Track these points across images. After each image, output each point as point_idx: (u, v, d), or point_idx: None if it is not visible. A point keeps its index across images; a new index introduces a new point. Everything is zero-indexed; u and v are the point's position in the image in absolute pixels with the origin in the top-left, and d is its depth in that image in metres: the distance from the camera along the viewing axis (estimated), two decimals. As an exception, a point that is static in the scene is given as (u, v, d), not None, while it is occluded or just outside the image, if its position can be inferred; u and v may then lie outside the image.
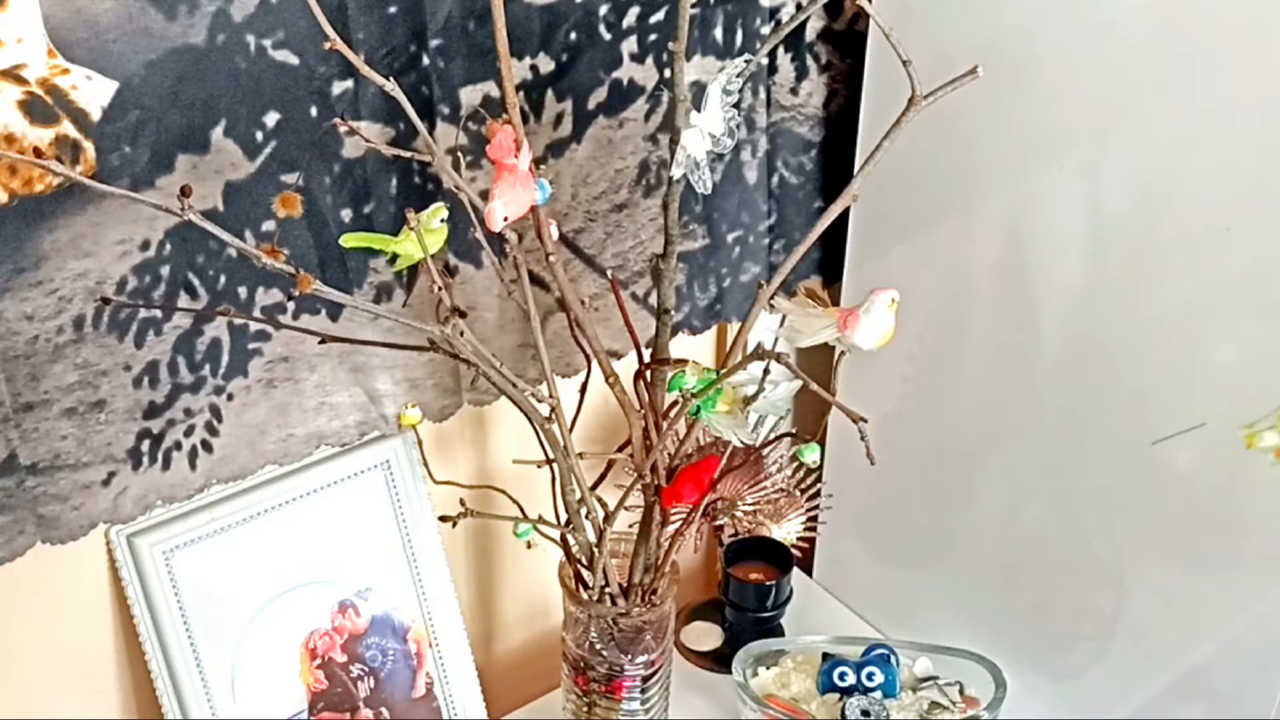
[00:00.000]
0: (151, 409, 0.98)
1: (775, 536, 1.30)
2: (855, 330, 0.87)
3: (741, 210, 1.23)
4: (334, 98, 0.96)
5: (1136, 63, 0.98)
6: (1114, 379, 1.07)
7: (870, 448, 0.82)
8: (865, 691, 1.13)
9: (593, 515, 1.02)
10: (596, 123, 1.10)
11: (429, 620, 1.17)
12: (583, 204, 1.13)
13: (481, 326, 1.10)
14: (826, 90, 1.25)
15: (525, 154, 0.81)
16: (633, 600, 1.05)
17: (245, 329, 1.00)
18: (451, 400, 1.13)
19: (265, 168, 0.95)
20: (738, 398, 0.93)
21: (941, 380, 1.22)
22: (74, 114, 0.86)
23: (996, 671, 1.14)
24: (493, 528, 1.25)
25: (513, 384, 0.94)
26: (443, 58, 0.99)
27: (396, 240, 0.87)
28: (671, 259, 0.95)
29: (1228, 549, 1.04)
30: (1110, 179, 1.03)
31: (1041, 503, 1.17)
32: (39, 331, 0.90)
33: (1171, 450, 1.04)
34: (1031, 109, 1.06)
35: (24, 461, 0.93)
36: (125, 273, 0.92)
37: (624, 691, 1.08)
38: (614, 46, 1.08)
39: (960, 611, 1.26)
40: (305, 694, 1.11)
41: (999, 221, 1.12)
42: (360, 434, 1.11)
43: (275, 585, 1.09)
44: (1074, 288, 1.08)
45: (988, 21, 1.07)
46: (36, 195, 0.86)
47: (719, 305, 1.26)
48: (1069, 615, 1.18)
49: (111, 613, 1.05)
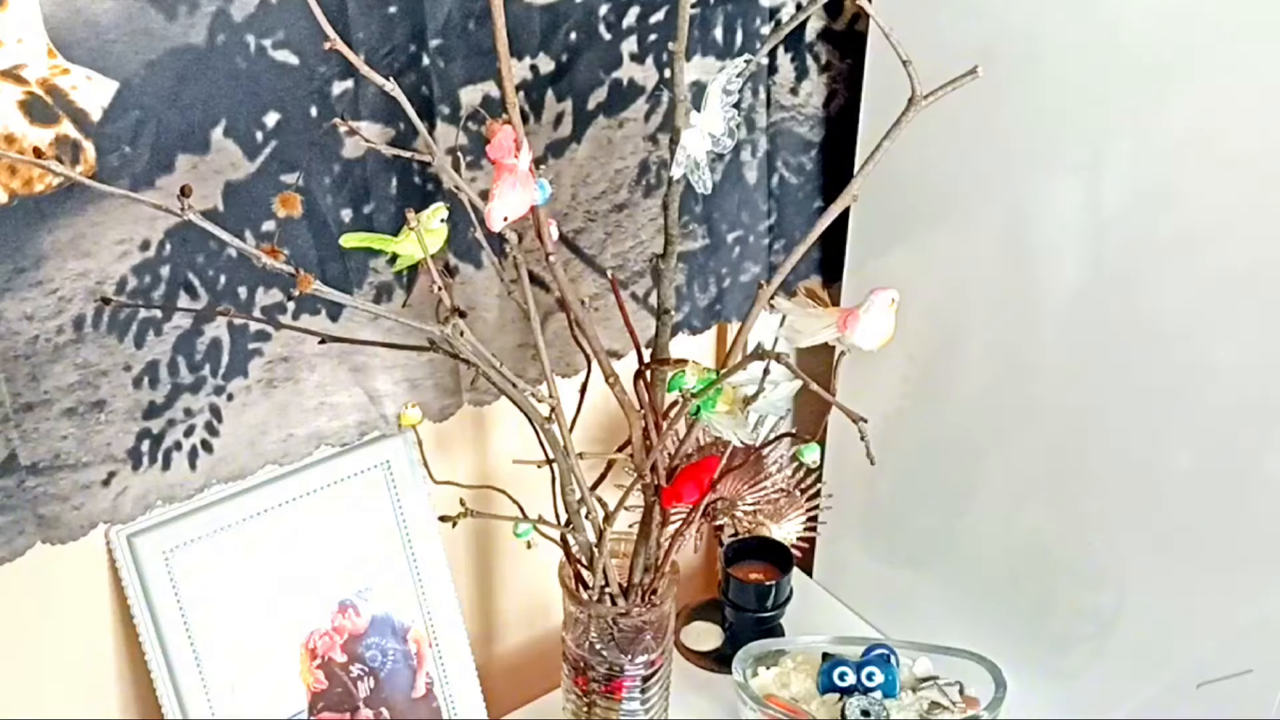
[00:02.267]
0: (151, 409, 0.98)
1: (775, 536, 1.30)
2: (855, 330, 0.87)
3: (741, 210, 1.23)
4: (334, 98, 0.96)
5: (1136, 63, 0.98)
6: (1114, 379, 1.07)
7: (870, 448, 0.82)
8: (865, 691, 1.13)
9: (593, 515, 1.02)
10: (596, 123, 1.10)
11: (429, 620, 1.17)
12: (583, 204, 1.13)
13: (481, 326, 1.10)
14: (826, 90, 1.25)
15: (525, 154, 0.81)
16: (633, 600, 1.05)
17: (245, 329, 1.00)
18: (451, 400, 1.13)
19: (265, 168, 0.95)
20: (738, 398, 0.93)
21: (941, 380, 1.22)
22: (74, 114, 0.86)
23: (996, 671, 1.14)
24: (493, 528, 1.25)
25: (513, 384, 0.93)
26: (443, 58, 0.99)
27: (396, 240, 0.87)
28: (671, 259, 0.95)
29: (1228, 549, 1.03)
30: (1110, 179, 1.03)
31: (1041, 503, 1.17)
32: (39, 331, 0.90)
33: (1171, 450, 1.04)
34: (1031, 109, 1.06)
35: (24, 461, 0.93)
36: (125, 273, 0.92)
37: (624, 691, 1.08)
38: (614, 46, 1.08)
39: (960, 611, 1.26)
40: (305, 694, 1.11)
41: (999, 221, 1.12)
42: (360, 434, 1.11)
43: (275, 585, 1.09)
44: (1074, 287, 1.08)
45: (988, 21, 1.07)
46: (36, 195, 0.86)
47: (719, 305, 1.26)
48: (1069, 615, 1.18)
49: (111, 613, 1.05)
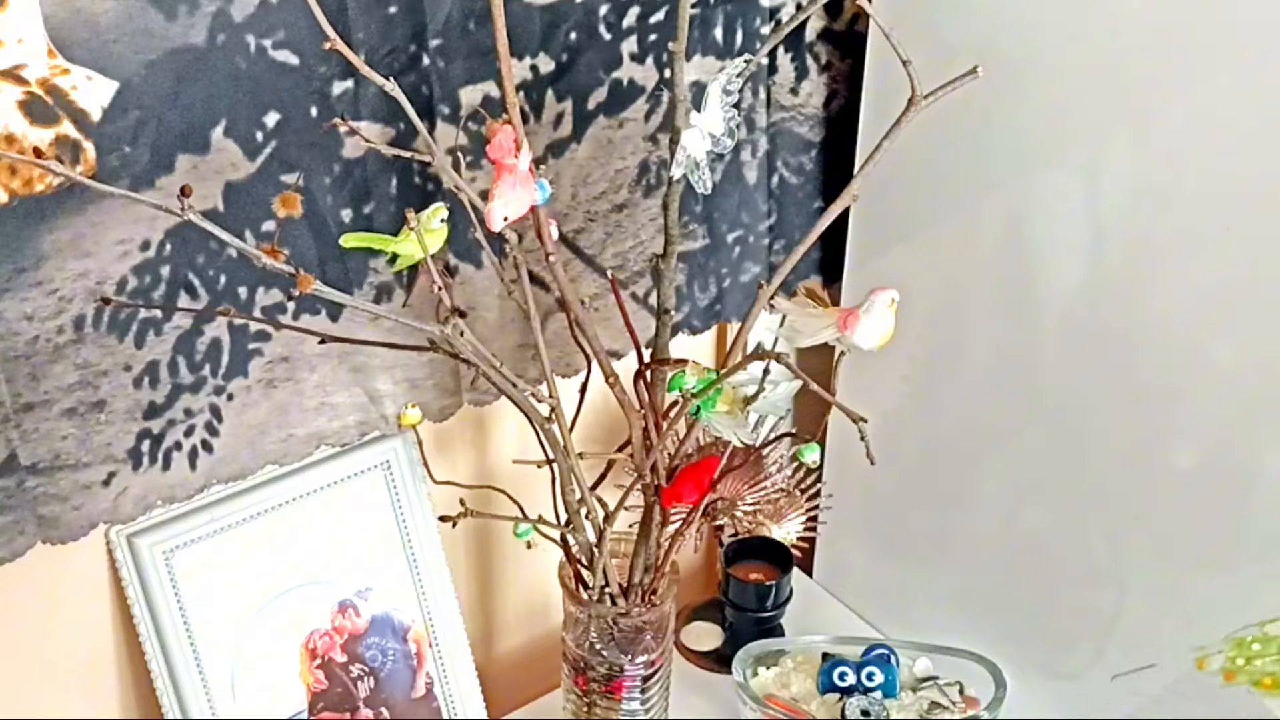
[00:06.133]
0: (152, 409, 0.98)
1: (775, 536, 1.30)
2: (855, 330, 0.87)
3: (741, 210, 1.23)
4: (334, 98, 0.96)
5: (1136, 63, 0.98)
6: (1114, 379, 1.07)
7: (870, 448, 0.82)
8: (865, 691, 1.13)
9: (593, 515, 1.02)
10: (596, 123, 1.10)
11: (429, 620, 1.17)
12: (583, 204, 1.13)
13: (481, 326, 1.10)
14: (826, 90, 1.25)
15: (525, 154, 0.81)
16: (633, 600, 1.05)
17: (245, 329, 1.00)
18: (451, 400, 1.13)
19: (265, 168, 0.95)
20: (738, 398, 0.93)
21: (941, 380, 1.22)
22: (74, 114, 0.86)
23: (996, 671, 1.14)
24: (493, 528, 1.25)
25: (513, 384, 0.93)
26: (443, 58, 0.99)
27: (396, 240, 0.87)
28: (671, 259, 0.95)
29: (1228, 549, 1.03)
30: (1110, 179, 1.03)
31: (1041, 503, 1.17)
32: (39, 331, 0.90)
33: (1171, 450, 1.04)
34: (1031, 109, 1.06)
35: (24, 461, 0.93)
36: (125, 273, 0.92)
37: (624, 691, 1.08)
38: (614, 46, 1.08)
39: (960, 611, 1.26)
40: (305, 694, 1.11)
41: (999, 221, 1.12)
42: (360, 434, 1.11)
43: (275, 585, 1.09)
44: (1074, 287, 1.08)
45: (988, 21, 1.07)
46: (36, 195, 0.86)
47: (719, 305, 1.26)
48: (1069, 615, 1.18)
49: (111, 613, 1.05)
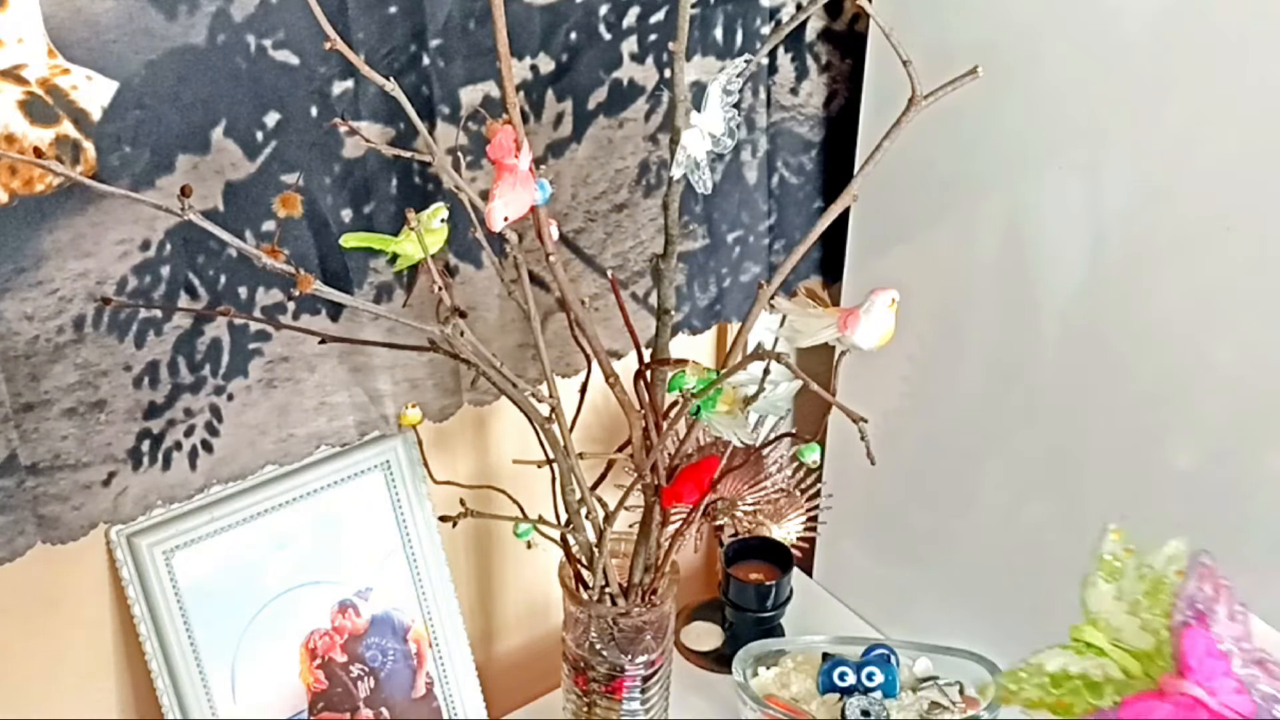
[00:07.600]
0: (152, 409, 0.98)
1: (775, 536, 1.30)
2: (855, 330, 0.87)
3: (741, 210, 1.23)
4: (334, 98, 0.96)
5: (1136, 62, 0.98)
6: (1114, 379, 1.07)
7: (870, 448, 0.82)
8: (865, 691, 1.13)
9: (593, 515, 1.02)
10: (596, 123, 1.10)
11: (429, 620, 1.17)
12: (583, 204, 1.13)
13: (481, 326, 1.10)
14: (826, 90, 1.25)
15: (525, 154, 0.81)
16: (633, 600, 1.05)
17: (245, 329, 1.00)
18: (451, 400, 1.13)
19: (265, 168, 0.95)
20: (738, 398, 0.93)
21: (941, 380, 1.22)
22: (74, 114, 0.86)
23: (997, 672, 1.14)
24: (493, 528, 1.25)
25: (513, 384, 0.94)
26: (443, 58, 0.99)
27: (396, 240, 0.87)
28: (671, 259, 0.95)
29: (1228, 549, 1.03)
30: (1110, 179, 1.03)
31: (1041, 503, 1.17)
32: (39, 331, 0.90)
33: (1171, 450, 1.04)
34: (1031, 109, 1.06)
35: (24, 461, 0.93)
36: (125, 273, 0.92)
37: (624, 691, 1.08)
38: (614, 46, 1.08)
39: (960, 611, 1.26)
40: (305, 694, 1.11)
41: (999, 221, 1.12)
42: (360, 434, 1.11)
43: (275, 585, 1.09)
44: (1074, 287, 1.08)
45: (988, 21, 1.07)
46: (36, 195, 0.86)
47: (719, 305, 1.26)
48: (1069, 615, 1.18)
49: (111, 613, 1.05)
